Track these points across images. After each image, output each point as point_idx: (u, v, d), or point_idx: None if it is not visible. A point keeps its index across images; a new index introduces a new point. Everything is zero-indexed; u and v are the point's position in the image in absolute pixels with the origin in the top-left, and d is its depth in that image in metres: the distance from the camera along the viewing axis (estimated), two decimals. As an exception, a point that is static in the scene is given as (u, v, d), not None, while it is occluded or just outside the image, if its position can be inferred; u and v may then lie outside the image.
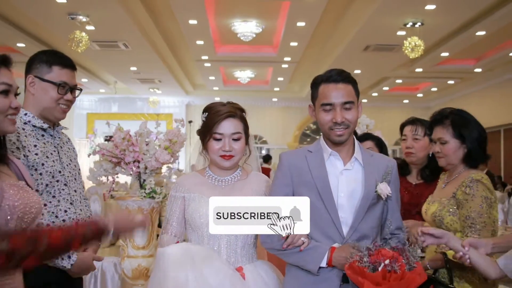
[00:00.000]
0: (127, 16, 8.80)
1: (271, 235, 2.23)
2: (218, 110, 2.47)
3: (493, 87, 14.38)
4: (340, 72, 2.31)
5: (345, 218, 2.26)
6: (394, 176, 2.37)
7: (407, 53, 8.93)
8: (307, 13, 8.90)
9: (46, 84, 2.43)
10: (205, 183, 2.52)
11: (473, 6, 8.19)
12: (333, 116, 2.26)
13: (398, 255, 1.96)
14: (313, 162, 2.33)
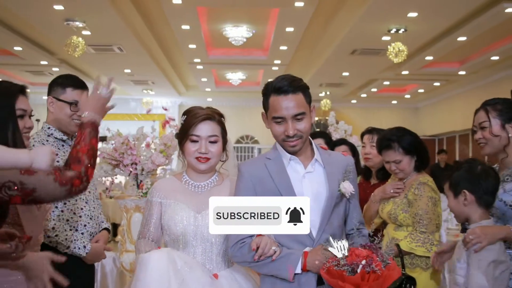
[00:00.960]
0: (122, 21, 9.13)
1: (242, 248, 2.23)
2: (196, 112, 2.50)
3: (478, 89, 14.75)
4: (290, 82, 2.24)
5: (313, 220, 2.22)
6: (353, 173, 2.39)
7: (391, 58, 9.29)
8: (296, 19, 9.26)
9: (61, 103, 2.85)
10: (181, 188, 2.52)
11: (453, 14, 8.58)
12: (285, 129, 2.24)
13: (372, 253, 1.98)
14: (274, 169, 2.30)
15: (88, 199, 2.88)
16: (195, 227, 2.42)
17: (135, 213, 3.99)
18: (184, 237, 2.41)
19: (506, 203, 2.52)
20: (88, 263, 2.84)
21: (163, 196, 2.50)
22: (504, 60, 11.85)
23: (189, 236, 2.41)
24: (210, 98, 18.69)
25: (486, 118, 2.67)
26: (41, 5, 8.16)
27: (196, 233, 2.41)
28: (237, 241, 2.25)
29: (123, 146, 3.96)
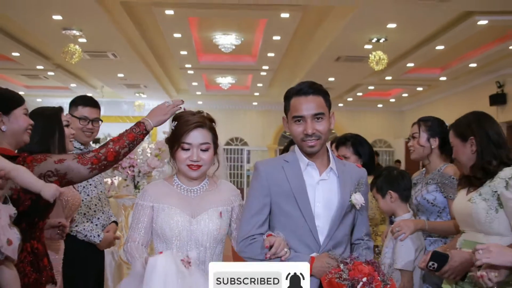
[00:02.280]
0: (117, 30, 9.59)
1: (252, 245, 2.28)
2: (187, 119, 2.44)
3: (459, 94, 15.28)
4: (310, 85, 2.33)
5: (321, 227, 2.29)
6: (366, 185, 2.44)
7: (373, 66, 9.83)
8: (282, 29, 9.75)
9: (74, 119, 3.40)
10: (173, 192, 2.48)
11: (429, 26, 9.15)
12: (304, 128, 2.29)
13: (374, 271, 2.02)
14: (291, 172, 2.34)
15: (100, 197, 3.41)
16: (190, 231, 2.40)
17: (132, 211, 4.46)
18: (178, 241, 2.40)
19: (428, 201, 3.16)
20: (100, 249, 3.39)
21: (154, 199, 2.45)
22: (481, 67, 12.40)
23: (184, 241, 2.40)
24: (201, 101, 19.12)
25: (417, 130, 3.34)
26: (41, 15, 8.62)
27: (190, 237, 2.40)
28: (247, 236, 2.30)
29: (122, 150, 4.44)
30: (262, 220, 2.34)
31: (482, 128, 2.66)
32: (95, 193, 3.37)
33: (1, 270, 2.02)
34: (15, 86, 16.19)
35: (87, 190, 3.34)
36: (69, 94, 17.88)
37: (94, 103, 3.51)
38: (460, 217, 2.71)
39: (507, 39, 10.12)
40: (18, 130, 2.36)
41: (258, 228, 2.32)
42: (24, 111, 2.41)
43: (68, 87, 16.34)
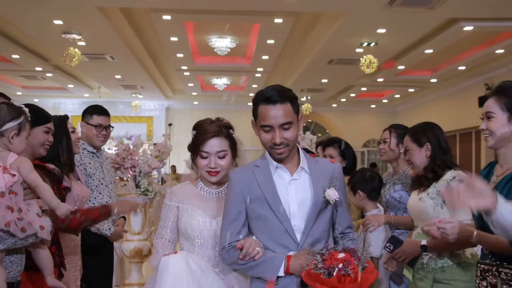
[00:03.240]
0: (115, 34, 9.89)
1: (230, 251, 2.34)
2: (205, 129, 2.59)
3: (450, 95, 15.60)
4: (278, 92, 2.30)
5: (298, 226, 2.31)
6: (340, 179, 2.43)
7: (363, 69, 10.15)
8: (276, 33, 10.08)
9: (89, 126, 3.81)
10: (197, 194, 2.66)
11: (416, 31, 9.50)
12: (272, 137, 2.29)
13: (350, 257, 2.06)
14: (261, 176, 2.37)
15: (110, 195, 3.81)
16: (211, 231, 2.57)
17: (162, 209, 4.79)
18: (200, 240, 2.57)
19: (395, 199, 3.57)
20: (110, 241, 3.81)
21: (179, 200, 2.63)
22: (470, 70, 12.75)
23: (205, 239, 2.57)
24: (196, 102, 19.39)
25: (388, 136, 3.74)
26: (42, 20, 8.91)
27: (211, 236, 2.57)
28: (225, 245, 2.36)
29: (124, 152, 4.77)
30: (240, 227, 2.38)
31: (436, 136, 3.11)
32: (106, 192, 3.77)
33: (38, 251, 2.43)
34: (13, 86, 16.44)
35: (99, 189, 3.72)
36: (66, 95, 18.17)
37: (106, 112, 3.94)
38: (413, 214, 3.16)
39: (493, 44, 10.48)
40: (35, 144, 2.68)
41: (236, 235, 2.36)
42: (45, 129, 2.75)
43: (66, 87, 16.58)
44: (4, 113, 2.32)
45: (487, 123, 2.34)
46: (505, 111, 2.30)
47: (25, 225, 2.22)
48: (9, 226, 2.16)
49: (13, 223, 2.18)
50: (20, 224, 2.21)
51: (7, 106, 2.35)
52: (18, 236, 2.21)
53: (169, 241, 2.64)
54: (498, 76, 12.80)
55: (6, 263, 2.29)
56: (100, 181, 3.72)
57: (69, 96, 18.64)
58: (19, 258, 2.36)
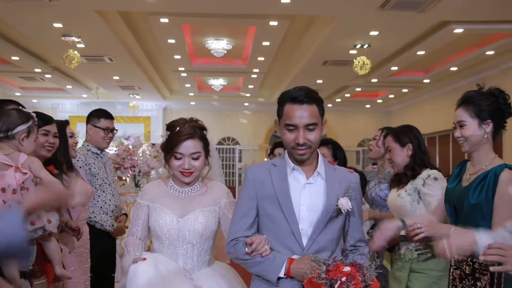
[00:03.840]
0: (114, 36, 10.08)
1: (236, 245, 2.37)
2: (179, 131, 2.63)
3: (443, 95, 15.77)
4: (306, 93, 2.32)
5: (305, 230, 2.31)
6: (357, 190, 2.43)
7: (357, 70, 10.36)
8: (271, 35, 10.28)
9: (97, 129, 4.07)
10: (166, 193, 2.71)
11: (408, 33, 9.73)
12: (296, 137, 2.29)
13: (356, 272, 2.03)
14: (276, 176, 2.37)
15: (113, 193, 4.07)
16: (178, 230, 2.61)
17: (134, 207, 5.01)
18: (168, 238, 2.62)
19: (381, 197, 3.86)
20: (113, 236, 4.08)
21: (150, 199, 2.70)
22: (462, 71, 12.97)
23: (173, 238, 2.62)
24: (193, 102, 19.58)
25: (379, 134, 4.09)
26: (42, 23, 9.09)
27: (178, 235, 2.61)
28: (232, 238, 2.39)
29: (124, 152, 4.99)
30: (250, 223, 2.39)
31: (417, 138, 3.42)
32: (109, 190, 4.02)
33: (47, 244, 2.70)
34: (11, 87, 16.61)
35: (103, 188, 3.97)
36: (64, 95, 18.33)
37: (112, 116, 4.25)
38: (393, 209, 3.44)
39: (484, 45, 10.70)
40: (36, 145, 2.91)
41: (245, 230, 2.38)
42: (42, 131, 3.00)
43: (64, 88, 16.75)
44: (15, 117, 2.57)
45: (460, 131, 2.67)
46: (474, 118, 2.63)
47: (34, 219, 2.44)
48: None
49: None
50: (29, 218, 2.42)
51: (17, 111, 2.60)
52: (27, 229, 2.41)
53: (140, 238, 2.70)
54: (489, 76, 13.02)
55: None
56: (104, 180, 3.98)
57: (67, 97, 18.79)
58: (31, 249, 2.59)
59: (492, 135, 2.66)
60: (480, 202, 2.54)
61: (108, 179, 4.03)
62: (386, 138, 3.52)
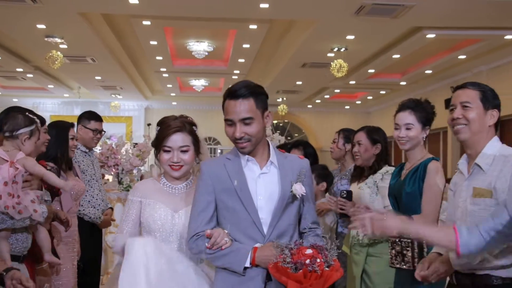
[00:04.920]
0: (96, 37, 10.30)
1: (197, 241, 2.38)
2: (168, 125, 2.64)
3: (419, 97, 16.20)
4: (243, 86, 2.35)
5: (265, 218, 2.36)
6: (308, 175, 2.48)
7: (334, 73, 10.68)
8: (251, 38, 10.58)
9: (86, 129, 4.37)
10: (160, 190, 2.69)
11: (383, 38, 10.14)
12: (234, 131, 2.35)
13: (318, 254, 2.11)
14: (232, 168, 2.41)
15: (100, 189, 4.35)
16: (172, 225, 2.60)
17: (117, 203, 5.25)
18: (161, 233, 2.60)
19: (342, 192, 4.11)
20: (100, 228, 4.40)
21: (142, 195, 2.67)
22: (436, 74, 13.40)
23: (166, 233, 2.60)
24: (175, 102, 19.77)
25: (337, 137, 4.43)
26: (26, 24, 9.28)
27: (172, 230, 2.60)
28: (193, 234, 2.39)
29: (108, 151, 5.24)
30: (209, 217, 2.41)
31: (385, 139, 3.79)
32: (97, 186, 4.31)
33: (37, 232, 2.97)
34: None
35: (91, 183, 4.26)
36: (46, 95, 18.40)
37: (101, 119, 4.54)
38: (354, 200, 3.70)
39: (456, 50, 11.12)
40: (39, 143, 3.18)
41: (205, 225, 2.39)
42: (44, 130, 3.24)
43: (46, 88, 16.84)
44: (20, 120, 2.87)
45: (406, 132, 3.05)
46: (420, 122, 3.02)
47: (21, 208, 2.72)
48: (8, 209, 2.64)
49: (11, 207, 2.65)
50: (17, 207, 2.69)
51: (22, 115, 2.90)
52: (15, 218, 2.68)
53: (129, 235, 2.63)
54: (462, 79, 13.34)
55: (12, 240, 2.77)
56: (92, 176, 4.28)
57: (48, 96, 18.88)
58: (25, 237, 2.85)
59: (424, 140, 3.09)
60: (414, 190, 2.98)
61: (95, 176, 4.32)
62: (359, 133, 3.82)
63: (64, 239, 3.50)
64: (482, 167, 2.39)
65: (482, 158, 2.40)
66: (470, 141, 2.46)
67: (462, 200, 2.44)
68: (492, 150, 2.40)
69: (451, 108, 2.51)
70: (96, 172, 4.38)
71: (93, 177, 4.28)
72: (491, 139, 2.44)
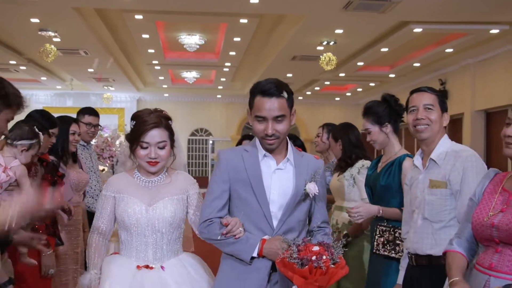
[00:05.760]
0: (89, 31, 10.43)
1: (210, 226, 2.44)
2: (145, 120, 2.60)
3: (407, 89, 15.80)
4: (275, 86, 2.40)
5: (275, 212, 2.42)
6: (321, 175, 2.54)
7: (323, 66, 10.88)
8: (242, 32, 10.76)
9: (81, 123, 4.54)
10: (133, 184, 2.67)
11: (371, 32, 10.33)
12: (265, 128, 2.39)
13: (324, 251, 2.15)
14: (249, 161, 2.46)
15: (98, 180, 4.55)
16: (147, 219, 2.59)
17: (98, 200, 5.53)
18: (137, 228, 2.59)
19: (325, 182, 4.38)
20: None
21: (116, 190, 2.65)
22: (424, 66, 13.63)
23: (142, 227, 2.59)
24: (167, 94, 19.91)
25: (321, 131, 4.70)
26: (20, 18, 9.40)
27: (147, 224, 2.59)
28: (206, 219, 2.46)
29: (103, 144, 5.46)
30: (222, 205, 2.47)
31: (346, 135, 4.05)
32: (95, 177, 4.62)
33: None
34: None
35: (89, 175, 4.48)
36: (38, 86, 18.50)
37: (96, 113, 4.74)
38: (333, 191, 4.09)
39: (443, 43, 11.34)
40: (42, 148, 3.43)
41: (218, 212, 2.46)
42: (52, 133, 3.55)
43: (38, 79, 16.94)
44: (23, 132, 3.08)
45: (370, 136, 3.38)
46: (375, 125, 3.35)
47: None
48: None
49: None
50: None
51: (28, 128, 3.11)
52: None
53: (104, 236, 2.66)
54: (450, 72, 13.72)
55: None
56: (90, 168, 4.51)
57: (41, 88, 18.96)
58: None
59: (393, 133, 3.35)
60: (388, 183, 3.25)
61: (93, 168, 4.57)
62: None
63: (66, 227, 3.72)
64: (437, 162, 2.68)
65: (436, 154, 2.69)
66: (429, 139, 2.73)
67: (419, 191, 2.73)
68: (444, 147, 2.71)
69: (412, 109, 2.77)
70: (94, 165, 4.60)
71: (91, 169, 4.49)
72: (443, 137, 2.74)
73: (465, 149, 2.69)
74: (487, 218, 2.11)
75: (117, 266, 2.57)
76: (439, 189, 2.62)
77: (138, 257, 2.60)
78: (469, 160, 2.60)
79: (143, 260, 2.59)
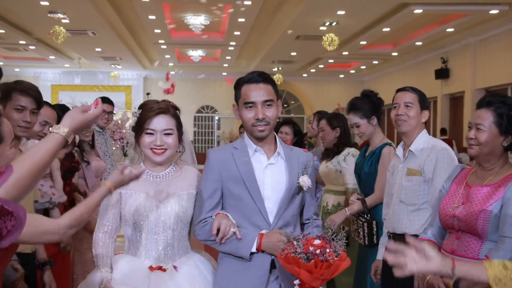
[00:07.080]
0: (97, 12, 10.71)
1: (204, 227, 2.40)
2: (151, 107, 2.48)
3: (410, 67, 16.62)
4: (260, 74, 2.43)
5: (270, 208, 2.39)
6: (311, 167, 2.52)
7: (325, 46, 11.11)
8: (246, 13, 10.96)
9: None
10: (141, 179, 2.33)
11: (372, 13, 10.57)
12: (255, 114, 2.37)
13: (326, 244, 2.12)
14: (240, 158, 2.42)
15: (112, 163, 4.96)
16: (157, 215, 2.45)
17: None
18: (146, 225, 2.44)
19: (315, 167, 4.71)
20: None
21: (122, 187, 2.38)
22: (426, 45, 13.80)
23: (151, 224, 2.44)
24: (173, 72, 20.11)
25: (313, 119, 4.99)
26: (30, 1, 9.67)
27: (158, 221, 2.45)
28: (199, 220, 2.42)
29: (114, 126, 5.79)
30: (214, 204, 2.43)
31: (343, 124, 4.35)
32: (109, 161, 5.00)
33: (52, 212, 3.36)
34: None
35: (105, 159, 4.81)
36: (47, 65, 18.80)
37: (110, 101, 4.97)
38: (322, 176, 4.42)
39: (444, 23, 11.52)
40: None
41: (210, 211, 2.41)
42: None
43: (47, 58, 17.22)
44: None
45: (358, 129, 3.68)
46: (363, 118, 3.66)
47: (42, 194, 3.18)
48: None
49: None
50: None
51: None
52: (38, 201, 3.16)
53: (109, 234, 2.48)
54: (452, 51, 13.89)
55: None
56: (105, 153, 4.82)
57: (49, 66, 19.25)
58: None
59: (377, 124, 3.67)
60: (371, 171, 3.59)
61: (108, 152, 4.88)
62: (321, 121, 4.43)
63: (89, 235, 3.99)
64: (415, 153, 3.04)
65: (415, 146, 3.04)
66: (409, 133, 3.07)
67: (398, 178, 3.09)
68: (422, 140, 3.05)
69: (395, 106, 3.12)
70: (109, 149, 4.90)
71: (106, 153, 4.81)
72: (422, 132, 3.08)
73: (439, 144, 3.03)
74: (452, 209, 2.42)
75: (129, 267, 2.46)
76: (415, 176, 2.98)
77: (148, 255, 2.47)
78: (441, 153, 2.94)
79: (153, 258, 2.47)
